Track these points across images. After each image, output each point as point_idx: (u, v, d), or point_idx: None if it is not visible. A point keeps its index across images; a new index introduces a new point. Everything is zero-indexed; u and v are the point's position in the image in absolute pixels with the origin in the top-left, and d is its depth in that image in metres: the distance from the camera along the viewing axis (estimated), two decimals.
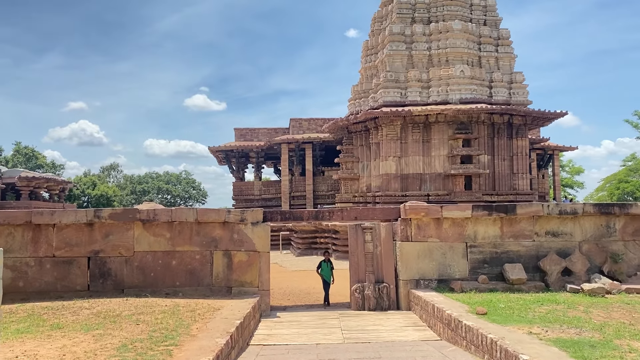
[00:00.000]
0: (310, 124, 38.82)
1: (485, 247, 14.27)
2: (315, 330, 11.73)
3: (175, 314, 10.64)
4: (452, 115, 28.59)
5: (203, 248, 13.59)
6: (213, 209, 13.64)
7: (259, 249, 13.69)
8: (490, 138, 29.89)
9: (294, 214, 14.59)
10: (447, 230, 14.18)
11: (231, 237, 13.66)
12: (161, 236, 13.55)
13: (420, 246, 14.06)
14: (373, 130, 30.44)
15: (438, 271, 14.05)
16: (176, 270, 13.50)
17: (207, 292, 13.54)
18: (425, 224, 14.13)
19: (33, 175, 35.93)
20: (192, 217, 13.46)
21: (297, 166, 38.62)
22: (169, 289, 13.45)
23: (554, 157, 41.55)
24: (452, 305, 11.40)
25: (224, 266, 13.57)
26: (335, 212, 14.66)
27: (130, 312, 10.87)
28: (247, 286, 13.56)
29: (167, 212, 13.44)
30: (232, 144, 39.84)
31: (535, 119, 30.46)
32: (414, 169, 29.21)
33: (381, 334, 11.37)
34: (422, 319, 12.57)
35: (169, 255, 13.53)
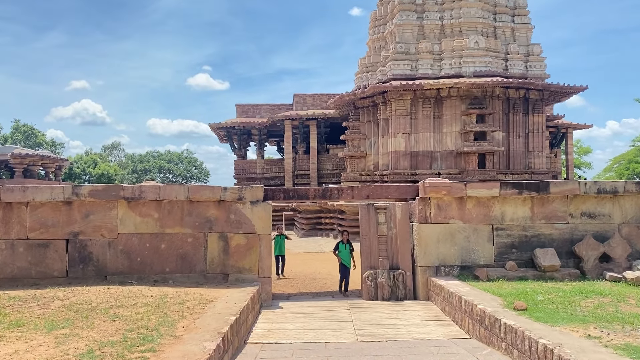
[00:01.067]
0: (315, 100, 36.90)
1: (514, 229, 12.57)
2: (323, 325, 10.11)
3: (161, 308, 9.01)
4: (466, 89, 26.72)
5: (196, 230, 11.93)
6: (207, 186, 11.93)
7: (259, 231, 12.03)
8: (505, 114, 28.04)
9: (299, 192, 12.89)
10: (471, 210, 12.48)
11: (228, 217, 11.99)
12: (148, 216, 11.88)
13: (440, 228, 12.37)
14: (381, 106, 28.59)
15: (460, 257, 12.38)
16: (166, 254, 11.87)
17: (201, 279, 11.91)
18: (446, 203, 12.43)
19: (27, 152, 34.27)
20: (183, 195, 11.78)
21: (301, 144, 36.81)
22: (157, 275, 11.82)
23: (567, 135, 39.62)
24: (483, 297, 9.75)
25: (220, 250, 11.92)
26: (344, 190, 12.96)
27: (108, 304, 9.25)
28: (245, 273, 11.93)
29: (154, 189, 11.75)
30: (234, 121, 38.01)
31: (553, 93, 28.54)
32: (424, 146, 27.41)
33: (399, 330, 9.74)
34: (444, 312, 10.94)
35: (157, 237, 11.88)
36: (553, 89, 27.63)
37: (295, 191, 12.90)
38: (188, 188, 11.77)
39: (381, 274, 12.34)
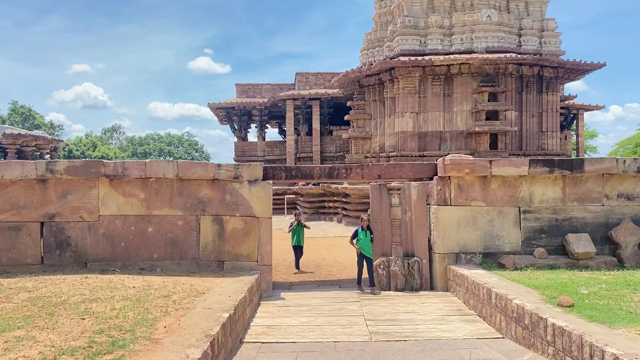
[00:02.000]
0: (318, 79, 35.26)
1: (543, 212, 11.15)
2: (330, 321, 8.74)
3: (142, 302, 7.63)
4: (478, 65, 25.09)
5: (187, 212, 10.52)
6: (199, 162, 10.49)
7: (258, 213, 10.61)
8: (518, 92, 26.46)
9: (302, 170, 11.45)
10: (495, 191, 11.04)
11: (223, 198, 10.57)
12: (133, 196, 10.46)
13: (461, 211, 10.95)
14: (388, 83, 27.00)
15: (483, 242, 10.98)
16: (153, 239, 10.47)
17: (193, 267, 10.53)
18: (468, 183, 10.99)
19: (19, 132, 32.82)
20: (171, 172, 10.34)
21: (303, 125, 35.27)
22: (144, 262, 10.44)
23: (578, 116, 38.03)
24: (517, 290, 8.35)
25: (214, 235, 10.53)
26: (353, 168, 11.51)
27: (81, 297, 7.87)
28: (243, 260, 10.55)
29: (139, 165, 10.32)
30: (233, 101, 36.41)
31: (569, 71, 26.91)
32: (433, 126, 25.88)
33: (419, 327, 8.36)
34: (467, 305, 9.56)
35: (143, 220, 10.47)
36: (569, 66, 26.01)
37: (298, 169, 11.46)
38: (177, 164, 10.33)
39: (394, 262, 10.96)
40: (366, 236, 10.94)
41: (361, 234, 10.96)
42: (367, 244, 10.98)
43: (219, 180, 10.55)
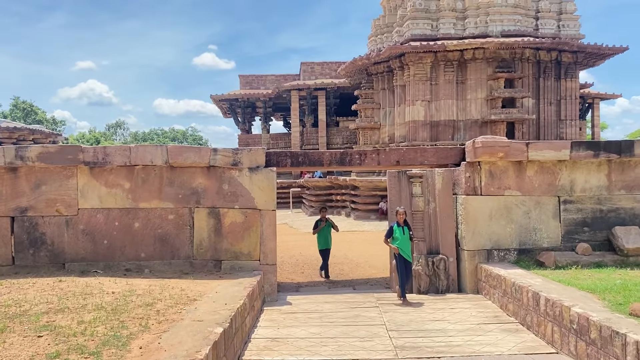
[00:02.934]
0: (324, 69, 33.70)
1: (586, 202, 9.66)
2: (346, 332, 7.30)
3: (118, 312, 6.20)
4: (493, 50, 23.50)
5: (179, 204, 9.09)
6: (191, 147, 9.03)
7: (260, 205, 9.17)
8: (535, 79, 24.85)
9: (310, 156, 9.99)
10: (532, 178, 9.56)
11: (220, 188, 9.13)
12: (117, 187, 9.04)
13: (493, 202, 9.48)
14: (398, 71, 25.45)
15: (518, 237, 9.51)
16: (141, 236, 9.05)
17: (186, 267, 9.10)
18: (501, 169, 9.51)
19: (15, 125, 31.44)
20: (160, 159, 8.90)
21: (308, 116, 33.76)
22: (131, 262, 9.02)
23: (594, 106, 36.36)
24: (570, 294, 6.87)
25: (210, 230, 9.09)
26: (367, 154, 10.05)
27: (47, 306, 6.45)
28: (243, 259, 9.11)
29: (123, 151, 8.88)
30: (237, 92, 34.92)
31: (588, 56, 25.25)
32: (446, 115, 24.33)
33: (452, 339, 6.92)
34: (505, 310, 8.10)
35: (129, 214, 9.05)
36: (590, 50, 24.36)
37: (305, 155, 10.00)
38: (167, 149, 8.89)
39: (417, 260, 9.50)
40: (404, 233, 8.93)
41: (397, 231, 8.96)
42: (406, 243, 8.98)
43: (215, 168, 9.10)
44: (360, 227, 20.48)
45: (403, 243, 8.94)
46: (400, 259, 9.02)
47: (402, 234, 8.94)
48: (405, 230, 8.98)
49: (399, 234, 8.95)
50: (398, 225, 8.96)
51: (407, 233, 8.99)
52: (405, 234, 8.97)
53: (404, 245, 8.97)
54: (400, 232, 8.95)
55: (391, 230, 9.07)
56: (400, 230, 8.96)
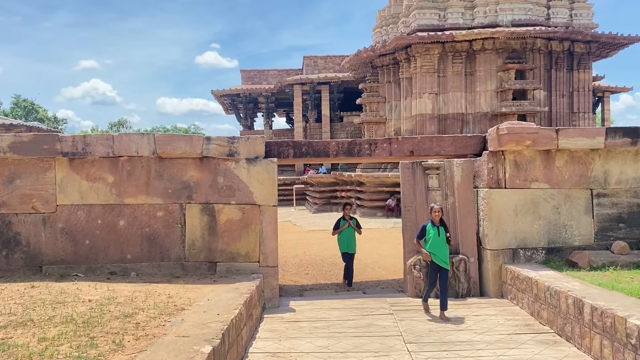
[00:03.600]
0: (327, 63, 32.64)
1: (621, 196, 8.64)
2: (358, 344, 6.30)
3: (90, 326, 5.20)
4: (503, 40, 22.42)
5: (168, 200, 8.09)
6: (182, 135, 8.00)
7: (259, 200, 8.16)
8: (547, 70, 23.76)
9: (315, 146, 8.97)
10: (561, 169, 8.53)
11: (214, 181, 8.12)
12: (100, 180, 8.04)
13: (519, 196, 8.45)
14: (404, 63, 24.39)
15: (547, 235, 8.48)
16: (126, 235, 8.05)
17: (177, 270, 8.10)
18: (527, 160, 8.48)
19: (11, 122, 30.58)
20: (147, 149, 7.90)
21: (312, 111, 32.71)
22: (115, 265, 8.03)
23: (604, 99, 35.21)
24: (621, 301, 5.83)
25: (204, 229, 8.09)
26: (379, 143, 9.03)
27: (7, 318, 5.45)
28: (240, 260, 8.10)
29: (105, 140, 7.88)
30: (238, 87, 33.92)
31: (602, 46, 24.14)
32: (455, 107, 23.26)
33: (482, 354, 5.91)
34: (537, 318, 7.08)
35: (113, 211, 8.05)
36: (604, 40, 23.25)
37: (309, 145, 8.98)
38: (154, 138, 7.88)
39: None
40: (439, 235, 7.38)
41: (431, 231, 7.40)
42: (442, 246, 7.40)
43: (209, 159, 8.10)
44: (367, 225, 19.39)
45: (437, 246, 7.39)
46: (433, 266, 7.48)
47: (436, 236, 7.37)
48: (441, 231, 7.42)
49: (433, 234, 7.40)
50: (433, 225, 7.42)
51: (443, 235, 7.41)
52: (441, 236, 7.39)
53: (439, 250, 7.40)
54: (434, 232, 7.39)
55: (423, 231, 7.52)
56: (435, 230, 7.40)
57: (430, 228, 7.43)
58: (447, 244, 7.47)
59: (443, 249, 7.40)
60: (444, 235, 7.44)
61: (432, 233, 7.42)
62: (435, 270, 7.48)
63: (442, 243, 7.39)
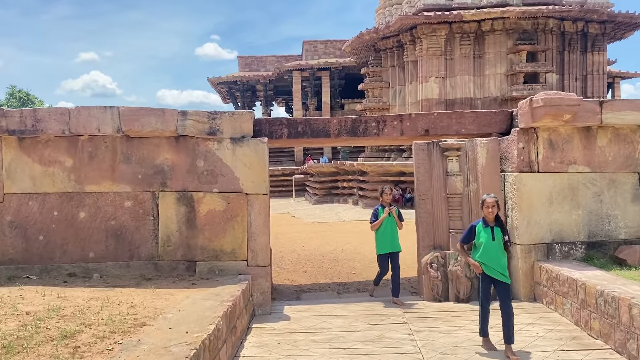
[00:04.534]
0: (328, 48, 31.16)
1: None
2: None
3: (10, 353, 3.87)
4: (514, 20, 21.01)
5: (139, 187, 6.73)
6: (152, 109, 6.61)
7: (247, 187, 6.80)
8: (559, 52, 22.33)
9: (313, 125, 7.60)
10: (604, 150, 7.16)
11: (192, 165, 6.76)
12: (56, 164, 6.69)
13: (554, 181, 7.09)
14: (409, 45, 22.96)
15: (587, 227, 7.13)
16: (88, 229, 6.70)
17: (150, 270, 6.76)
18: (564, 138, 7.11)
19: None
20: (111, 126, 6.54)
21: (311, 99, 31.27)
22: (75, 265, 6.69)
23: (615, 85, 33.73)
24: None
25: (181, 222, 6.73)
26: (388, 121, 7.65)
27: None
28: (225, 259, 6.76)
29: (60, 115, 6.51)
30: (235, 75, 32.48)
31: (618, 26, 22.68)
32: (462, 92, 21.86)
33: None
34: (585, 327, 5.74)
35: (72, 201, 6.70)
36: (620, 20, 21.80)
37: (307, 123, 7.61)
38: (118, 112, 6.51)
39: (454, 259, 7.12)
40: (493, 238, 5.30)
41: (483, 234, 5.33)
42: (497, 253, 5.31)
43: (187, 138, 6.73)
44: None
45: (491, 254, 5.28)
46: (484, 281, 5.37)
47: (490, 240, 5.30)
48: (496, 233, 5.32)
49: (486, 238, 5.30)
50: (485, 225, 5.35)
51: (499, 238, 5.32)
52: (497, 240, 5.30)
53: (493, 258, 5.28)
54: (487, 237, 5.30)
55: (472, 233, 5.46)
56: (488, 233, 5.32)
57: (482, 229, 5.34)
58: (504, 251, 5.37)
59: (499, 258, 5.31)
60: (500, 238, 5.31)
61: (485, 236, 5.31)
62: (488, 285, 5.36)
63: (497, 250, 5.29)
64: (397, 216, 7.37)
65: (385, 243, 7.35)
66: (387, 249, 7.34)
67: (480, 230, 5.36)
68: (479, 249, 5.37)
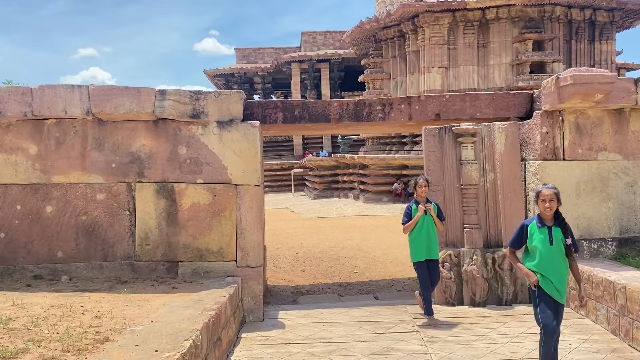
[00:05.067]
0: (327, 39, 30.27)
1: None
2: None
3: None
4: (519, 8, 20.20)
5: (112, 178, 5.91)
6: (125, 88, 5.74)
7: (236, 178, 5.97)
8: (566, 41, 21.52)
9: (311, 108, 6.77)
10: (638, 134, 6.35)
11: (173, 152, 5.93)
12: (18, 152, 5.85)
13: (582, 170, 6.27)
14: (411, 35, 22.11)
15: (619, 221, 6.33)
16: (56, 226, 5.88)
17: (126, 272, 5.93)
18: (593, 122, 6.29)
19: None
20: (79, 108, 5.70)
21: (310, 92, 30.42)
22: (42, 265, 5.87)
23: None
24: None
25: (161, 217, 5.91)
26: (395, 104, 6.83)
27: None
28: (211, 259, 5.94)
29: (21, 95, 5.67)
30: (233, 67, 31.61)
31: (627, 14, 21.84)
32: (466, 83, 21.01)
33: None
34: (625, 337, 4.93)
35: (38, 193, 5.88)
36: (630, 7, 20.96)
37: (304, 107, 6.78)
38: (88, 92, 5.67)
39: (469, 257, 6.30)
40: (551, 242, 4.00)
41: (538, 236, 4.05)
42: (556, 261, 4.00)
43: (166, 122, 5.90)
44: (372, 211, 17.32)
45: (551, 263, 3.96)
46: (542, 297, 3.98)
47: (546, 243, 3.99)
48: (555, 234, 4.00)
49: (541, 242, 3.98)
50: (541, 225, 4.05)
51: (559, 241, 3.99)
52: (557, 244, 3.98)
53: (551, 268, 3.96)
54: (544, 240, 3.99)
55: (523, 233, 4.15)
56: (544, 234, 4.00)
57: (536, 229, 4.05)
58: (567, 257, 4.02)
59: (558, 268, 3.98)
60: (561, 242, 3.99)
61: (540, 239, 3.99)
62: (549, 301, 3.96)
63: (556, 257, 3.98)
64: (437, 214, 5.81)
65: (420, 248, 5.75)
66: (422, 256, 5.76)
67: (534, 230, 4.05)
68: (533, 256, 4.05)
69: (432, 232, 5.76)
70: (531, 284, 4.03)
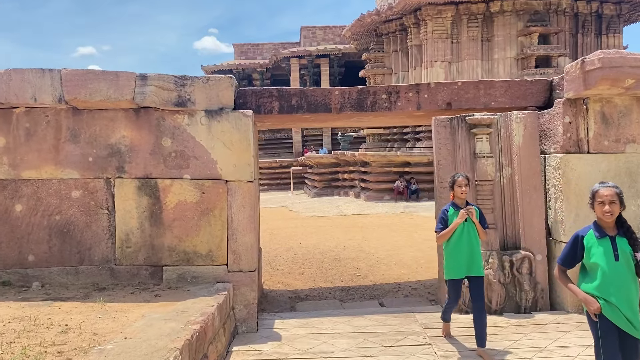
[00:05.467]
0: (327, 34, 29.63)
1: None
2: None
3: None
4: (524, 1, 19.69)
5: (89, 173, 5.30)
6: (103, 72, 5.15)
7: (226, 173, 5.37)
8: (572, 35, 20.95)
9: (310, 97, 6.18)
10: None
11: (157, 145, 5.33)
12: None
13: (609, 163, 5.68)
14: (413, 28, 21.54)
15: None
16: (26, 226, 5.28)
17: (104, 277, 5.33)
18: (620, 111, 5.69)
19: None
20: (51, 95, 5.10)
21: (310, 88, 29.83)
22: (11, 270, 5.27)
23: None
24: None
25: (143, 216, 5.30)
26: (402, 92, 6.22)
27: None
28: (199, 263, 5.34)
29: None
30: (231, 63, 30.98)
31: (634, 7, 21.27)
32: (470, 77, 20.39)
33: None
34: None
35: (5, 190, 5.28)
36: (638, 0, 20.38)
37: (303, 96, 6.18)
38: (60, 77, 5.07)
39: (484, 260, 5.70)
40: (617, 258, 3.08)
41: (597, 249, 3.14)
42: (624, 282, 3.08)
43: (149, 111, 5.30)
44: (373, 210, 16.72)
45: (614, 283, 3.07)
46: (607, 330, 3.09)
47: (610, 259, 3.09)
48: (620, 247, 3.09)
49: (603, 258, 3.11)
50: (600, 235, 3.16)
51: (627, 256, 3.09)
52: (623, 260, 3.08)
53: (617, 291, 3.07)
54: (606, 254, 3.10)
55: (576, 247, 3.25)
56: (606, 245, 3.11)
57: (595, 241, 3.17)
58: (637, 277, 3.13)
59: (627, 291, 3.09)
60: (629, 257, 3.10)
61: (601, 253, 3.12)
62: (614, 336, 3.10)
63: (624, 276, 3.10)
64: (479, 219, 4.64)
65: (459, 262, 4.61)
66: (461, 272, 4.64)
67: (593, 243, 3.17)
68: (593, 276, 3.15)
69: (475, 242, 4.62)
70: (591, 314, 3.16)
